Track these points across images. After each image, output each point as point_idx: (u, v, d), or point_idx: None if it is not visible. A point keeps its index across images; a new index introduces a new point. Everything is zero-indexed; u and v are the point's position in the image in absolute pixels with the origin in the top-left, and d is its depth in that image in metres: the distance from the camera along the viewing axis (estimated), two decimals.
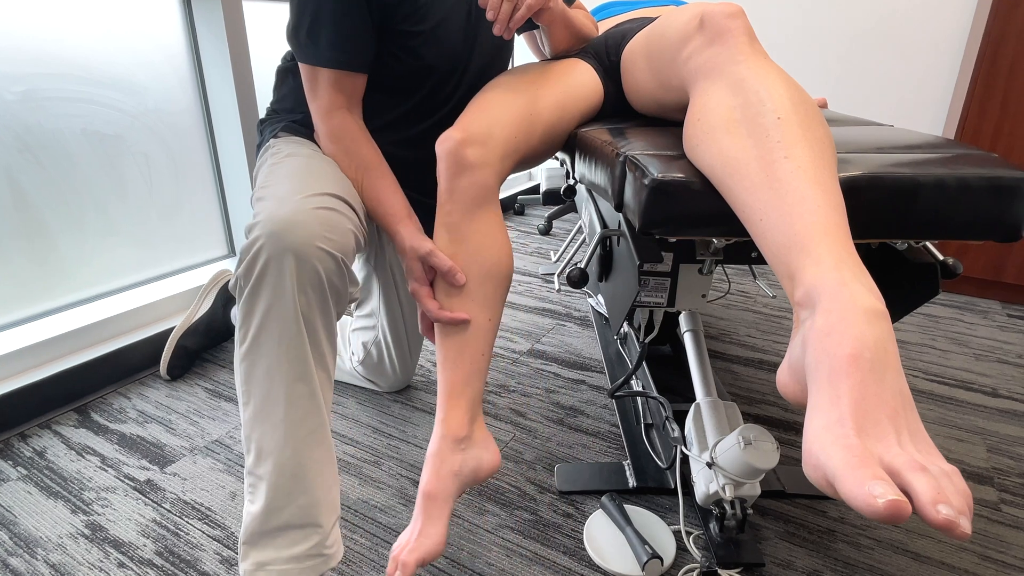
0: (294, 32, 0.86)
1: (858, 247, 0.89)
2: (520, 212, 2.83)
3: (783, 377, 0.48)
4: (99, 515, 0.97)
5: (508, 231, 2.52)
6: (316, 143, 0.93)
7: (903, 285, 0.79)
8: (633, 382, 1.28)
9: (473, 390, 0.83)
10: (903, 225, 0.63)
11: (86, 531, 0.94)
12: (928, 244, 0.79)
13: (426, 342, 1.56)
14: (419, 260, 0.84)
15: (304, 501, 0.74)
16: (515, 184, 3.10)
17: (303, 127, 0.95)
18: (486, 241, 0.81)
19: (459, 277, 0.81)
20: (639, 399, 1.24)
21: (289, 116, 0.98)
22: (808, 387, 0.43)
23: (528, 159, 0.90)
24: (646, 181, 0.63)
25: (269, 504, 0.73)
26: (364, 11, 0.84)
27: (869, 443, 0.38)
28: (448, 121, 0.98)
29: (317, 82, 0.87)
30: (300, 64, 0.88)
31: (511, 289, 1.91)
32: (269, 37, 1.70)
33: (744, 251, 0.85)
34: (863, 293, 0.44)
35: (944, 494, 0.35)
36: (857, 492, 0.35)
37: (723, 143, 0.59)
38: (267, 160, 0.89)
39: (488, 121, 0.81)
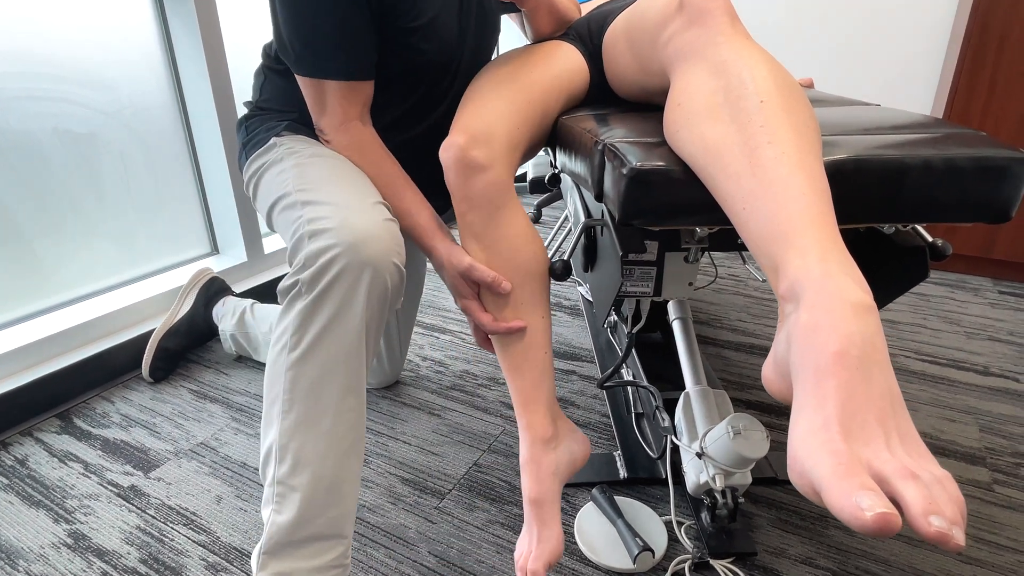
0: (287, 42, 0.81)
1: (845, 231, 0.88)
2: None
3: (768, 373, 0.46)
4: (82, 523, 0.95)
5: None
6: (320, 143, 0.89)
7: (892, 269, 0.77)
8: (623, 371, 1.27)
9: (546, 390, 0.82)
10: (890, 209, 0.62)
11: (69, 540, 0.92)
12: (916, 226, 0.77)
13: (415, 336, 1.54)
14: (460, 276, 0.81)
15: (335, 513, 0.72)
16: None
17: (305, 126, 0.91)
18: (518, 240, 0.79)
19: (504, 285, 0.79)
20: (630, 388, 1.23)
21: (282, 115, 0.93)
22: (793, 386, 0.42)
23: (532, 148, 0.88)
24: (624, 171, 0.61)
25: (301, 515, 0.70)
26: (364, 13, 0.79)
27: (857, 448, 0.37)
28: (447, 116, 0.95)
29: (324, 95, 0.83)
30: (300, 77, 0.83)
31: None
32: (243, 28, 1.66)
33: (730, 238, 0.83)
34: (849, 286, 0.42)
35: (936, 504, 0.33)
36: (844, 504, 0.33)
37: (704, 128, 0.56)
38: (283, 159, 0.85)
39: (487, 118, 0.78)
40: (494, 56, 1.03)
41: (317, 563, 0.71)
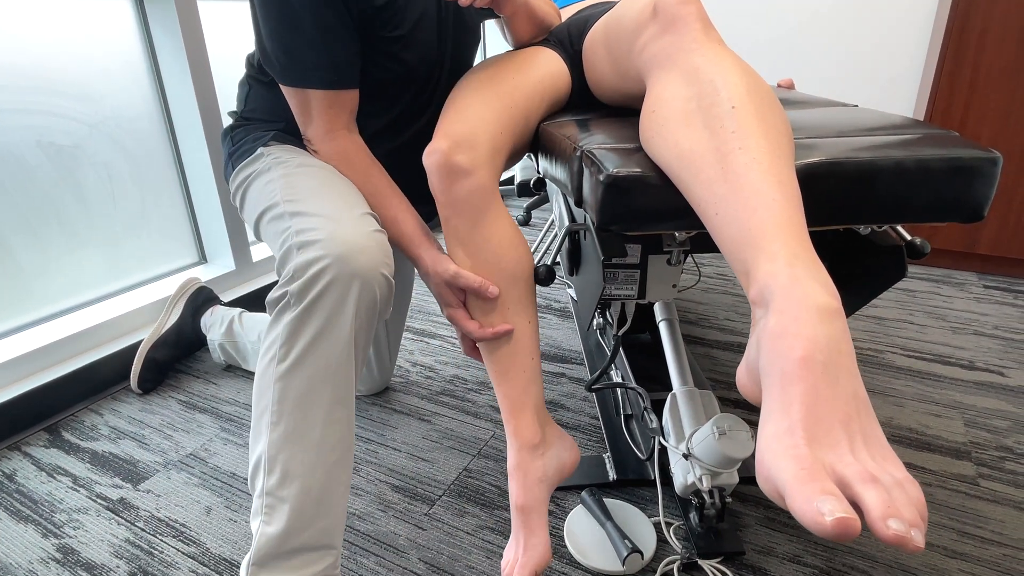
0: (270, 53, 0.81)
1: (822, 232, 0.89)
2: None
3: (742, 378, 0.47)
4: (71, 538, 0.95)
5: None
6: (308, 152, 0.89)
7: (870, 268, 0.78)
8: (612, 373, 1.28)
9: (534, 395, 0.82)
10: (864, 211, 0.63)
11: (57, 555, 0.92)
12: (894, 226, 0.78)
13: (405, 342, 1.54)
14: (446, 284, 0.81)
15: (324, 524, 0.73)
16: None
17: (291, 136, 0.91)
18: (503, 245, 0.79)
19: (491, 290, 0.79)
20: (619, 390, 1.24)
21: (268, 125, 0.94)
22: (762, 390, 0.42)
23: (516, 152, 0.88)
24: (601, 177, 0.61)
25: (290, 527, 0.71)
26: (346, 21, 0.79)
27: (820, 452, 0.37)
28: (431, 124, 0.95)
29: (309, 105, 0.83)
30: (285, 88, 0.83)
31: None
32: (226, 37, 1.66)
33: (712, 241, 0.84)
34: (816, 290, 0.43)
35: (895, 507, 0.34)
36: (805, 508, 0.34)
37: (678, 135, 0.57)
38: (270, 169, 0.85)
39: (469, 123, 0.78)
40: (477, 62, 1.04)
41: (306, 574, 0.72)
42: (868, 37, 1.92)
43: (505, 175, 3.10)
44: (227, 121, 1.61)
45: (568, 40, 0.95)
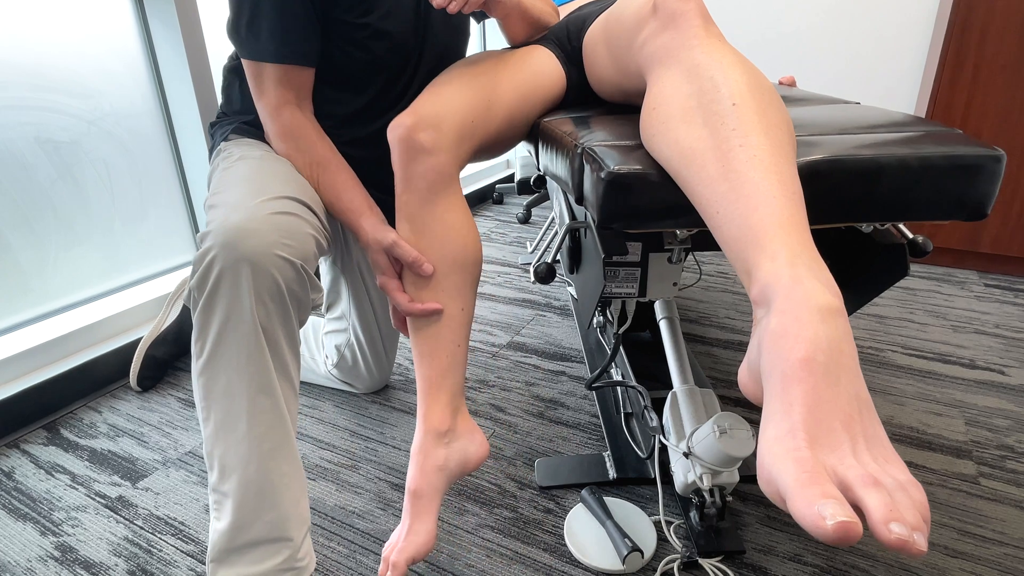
0: (234, 27, 0.83)
1: (824, 230, 0.88)
2: (499, 201, 2.80)
3: (743, 378, 0.46)
4: (69, 536, 0.95)
5: (488, 221, 2.49)
6: (268, 144, 0.90)
7: (872, 267, 0.78)
8: (612, 371, 1.27)
9: (452, 382, 0.81)
10: (866, 208, 0.62)
11: (56, 553, 0.92)
12: (897, 224, 0.78)
13: (403, 339, 1.54)
14: (384, 252, 0.81)
15: (272, 516, 0.72)
16: (493, 173, 3.07)
17: (254, 128, 0.92)
18: (450, 228, 0.79)
19: (425, 267, 0.79)
20: (619, 388, 1.23)
21: (239, 117, 0.94)
22: (764, 391, 0.42)
23: (489, 146, 0.88)
24: (602, 174, 0.61)
25: (236, 521, 0.71)
26: (305, 1, 0.81)
27: (822, 454, 0.37)
28: None
29: (263, 78, 0.84)
30: (243, 60, 0.85)
31: (490, 280, 1.89)
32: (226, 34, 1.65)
33: (713, 239, 0.83)
34: (818, 290, 0.42)
35: (897, 510, 0.33)
36: (806, 512, 0.34)
37: (679, 133, 0.57)
38: (219, 165, 0.86)
39: (439, 105, 0.78)
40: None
41: (263, 568, 0.72)
42: (869, 34, 1.91)
43: (506, 173, 3.10)
44: None
45: (567, 38, 0.95)
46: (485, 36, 2.89)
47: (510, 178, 3.06)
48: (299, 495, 0.75)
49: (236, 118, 0.95)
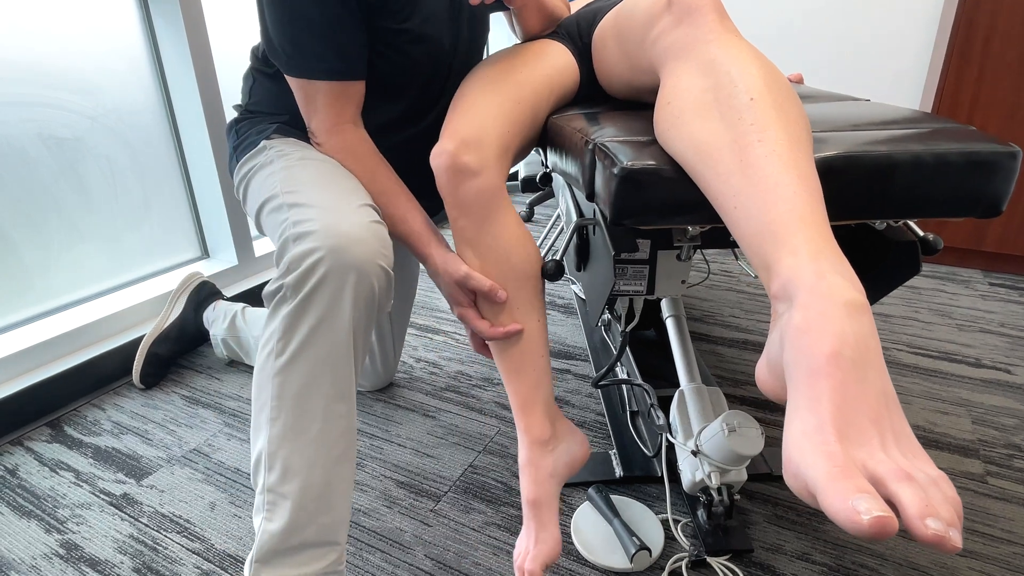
0: (276, 44, 0.80)
1: (836, 227, 0.88)
2: None
3: (762, 374, 0.46)
4: (74, 533, 0.94)
5: None
6: (311, 146, 0.88)
7: (884, 264, 0.77)
8: (618, 369, 1.27)
9: (544, 393, 0.82)
10: (881, 205, 0.62)
11: (61, 550, 0.91)
12: (908, 221, 0.77)
13: (409, 337, 1.53)
14: (457, 284, 0.81)
15: (327, 520, 0.72)
16: None
17: (295, 129, 0.90)
18: (511, 245, 0.79)
19: (501, 294, 0.79)
20: (624, 387, 1.23)
21: (272, 118, 0.92)
22: (787, 387, 0.41)
23: (523, 148, 0.88)
24: (615, 170, 0.60)
25: (292, 523, 0.70)
26: (352, 10, 0.78)
27: (851, 450, 0.36)
28: (441, 118, 0.94)
29: (315, 96, 0.82)
30: (290, 79, 0.82)
31: None
32: (230, 29, 1.65)
33: (723, 236, 0.83)
34: (842, 285, 0.42)
35: (932, 506, 0.33)
36: (840, 507, 0.33)
37: (694, 127, 0.56)
38: (272, 161, 0.84)
39: (477, 122, 0.77)
40: (484, 54, 1.02)
41: (309, 571, 0.71)
42: (875, 31, 1.90)
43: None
44: (231, 115, 1.60)
45: (577, 33, 0.94)
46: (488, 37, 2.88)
47: (514, 176, 3.06)
48: (350, 501, 0.75)
49: (268, 117, 0.93)
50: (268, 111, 0.95)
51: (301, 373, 0.69)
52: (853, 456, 0.36)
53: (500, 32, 2.87)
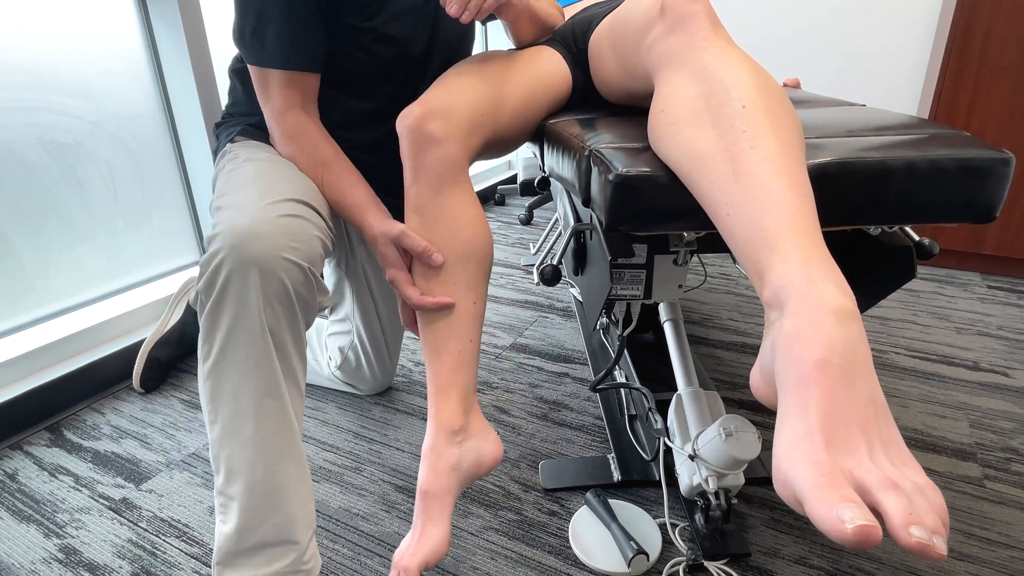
0: (239, 33, 0.83)
1: (831, 233, 0.88)
2: (500, 203, 2.80)
3: (755, 380, 0.46)
4: (73, 538, 0.95)
5: (490, 222, 2.49)
6: (273, 146, 0.90)
7: (879, 269, 0.78)
8: (616, 373, 1.27)
9: (464, 378, 0.79)
10: (875, 211, 0.62)
11: (60, 555, 0.91)
12: (903, 226, 0.78)
13: (407, 341, 1.54)
14: (392, 244, 0.80)
15: (279, 519, 0.72)
16: (494, 175, 3.07)
17: (260, 130, 0.92)
18: (461, 219, 0.78)
19: (436, 257, 0.77)
20: (623, 390, 1.23)
21: (244, 119, 0.94)
22: (778, 394, 0.42)
23: (497, 143, 0.87)
24: (611, 176, 0.61)
25: (242, 524, 0.71)
26: (311, 5, 0.81)
27: (839, 457, 0.37)
28: None
29: (268, 83, 0.85)
30: (249, 66, 0.85)
31: (493, 282, 1.89)
32: (229, 34, 1.65)
33: (719, 241, 0.83)
34: (832, 292, 0.42)
35: (916, 514, 0.33)
36: (825, 515, 0.34)
37: (688, 135, 0.57)
38: (224, 166, 0.86)
39: (451, 96, 0.77)
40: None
41: (269, 571, 0.72)
42: (872, 36, 1.91)
43: (510, 173, 3.10)
44: None
45: (572, 39, 0.95)
46: (487, 39, 2.89)
47: (512, 179, 3.06)
48: (305, 498, 0.75)
49: (242, 119, 0.95)
50: (243, 112, 0.97)
51: (225, 374, 0.69)
52: (840, 464, 0.36)
53: (499, 39, 2.88)
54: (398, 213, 0.90)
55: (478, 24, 1.04)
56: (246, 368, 0.69)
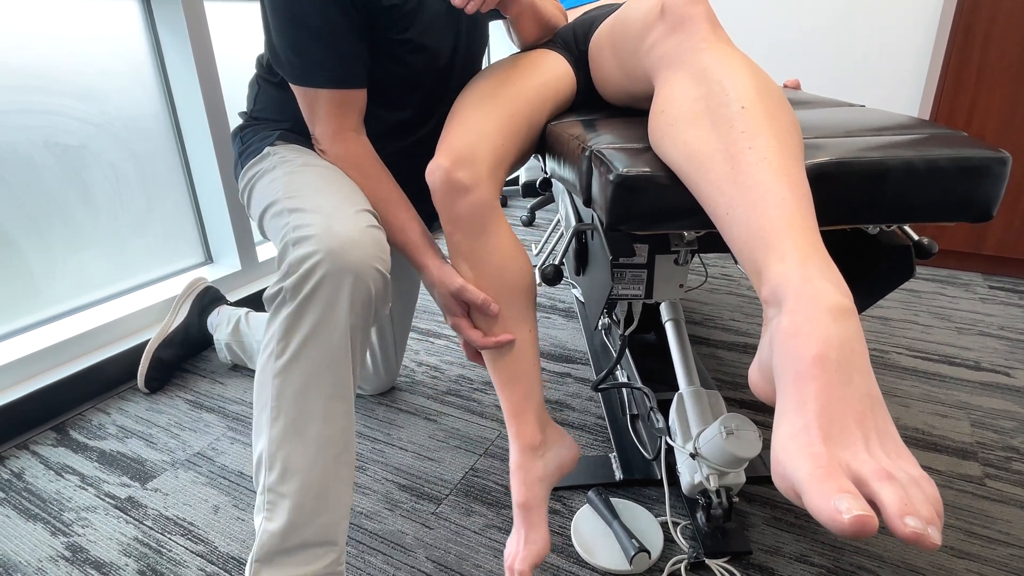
0: (279, 52, 0.82)
1: (830, 232, 0.89)
2: (502, 204, 2.81)
3: (754, 377, 0.47)
4: (79, 536, 0.95)
5: None
6: (313, 151, 0.90)
7: (878, 268, 0.78)
8: (618, 373, 1.28)
9: (535, 400, 0.83)
10: (873, 210, 0.63)
11: (66, 553, 0.92)
12: (902, 225, 0.78)
13: (411, 341, 1.55)
14: (451, 296, 0.83)
15: (326, 520, 0.73)
16: None
17: (298, 135, 0.92)
18: (504, 259, 0.81)
19: (493, 307, 0.81)
20: (624, 390, 1.24)
21: (276, 124, 0.94)
22: (776, 390, 0.42)
23: (519, 159, 0.89)
24: (611, 177, 0.62)
25: (291, 522, 0.71)
26: (353, 19, 0.80)
27: (836, 450, 0.37)
28: (441, 125, 0.95)
29: (317, 104, 0.84)
30: (294, 87, 0.84)
31: None
32: (233, 37, 1.66)
33: (720, 241, 0.84)
34: (829, 290, 0.43)
35: (912, 504, 0.34)
36: (823, 506, 0.34)
37: (687, 135, 0.57)
38: (275, 167, 0.86)
39: (471, 137, 0.79)
40: (485, 63, 1.04)
41: (309, 570, 0.72)
42: (873, 37, 1.92)
43: (511, 175, 3.10)
44: (235, 121, 1.61)
45: (574, 41, 0.95)
46: (489, 46, 2.90)
47: (514, 181, 3.07)
48: (349, 501, 0.76)
49: (273, 124, 0.95)
50: (272, 118, 0.96)
51: (300, 374, 0.70)
52: (837, 457, 0.37)
53: (500, 41, 2.89)
54: (425, 217, 0.92)
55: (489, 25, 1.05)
56: (322, 370, 0.70)
